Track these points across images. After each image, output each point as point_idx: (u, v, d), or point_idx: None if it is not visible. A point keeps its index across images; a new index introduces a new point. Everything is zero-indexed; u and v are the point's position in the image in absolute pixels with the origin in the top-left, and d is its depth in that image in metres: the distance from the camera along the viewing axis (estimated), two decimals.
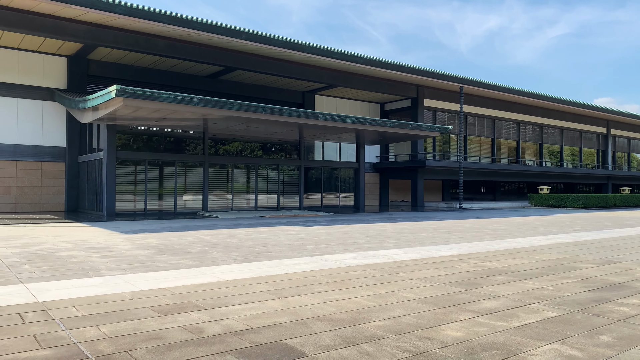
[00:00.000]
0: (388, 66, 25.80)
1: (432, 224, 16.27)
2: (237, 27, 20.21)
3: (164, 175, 20.89)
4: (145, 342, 3.83)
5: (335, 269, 7.26)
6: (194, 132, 22.04)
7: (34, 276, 6.54)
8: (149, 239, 11.23)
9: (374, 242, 10.97)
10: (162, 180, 20.82)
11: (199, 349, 3.70)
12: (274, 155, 24.94)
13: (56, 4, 16.71)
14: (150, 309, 4.85)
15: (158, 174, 20.76)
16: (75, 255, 8.46)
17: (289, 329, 4.24)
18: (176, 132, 21.89)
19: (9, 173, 20.70)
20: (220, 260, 8.11)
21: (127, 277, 6.50)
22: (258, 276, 6.66)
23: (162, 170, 20.86)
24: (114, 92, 14.13)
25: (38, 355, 3.51)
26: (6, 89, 20.71)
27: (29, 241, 10.59)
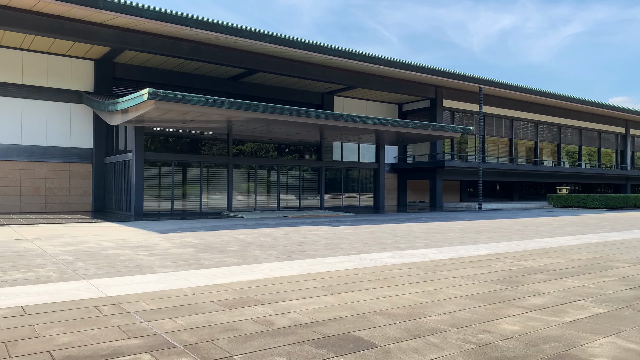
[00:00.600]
0: (408, 67, 25.95)
1: (456, 224, 16.42)
2: (261, 30, 20.54)
3: (189, 176, 21.29)
4: (223, 333, 4.10)
5: (377, 267, 7.49)
6: (217, 133, 22.41)
7: (92, 273, 6.86)
8: (185, 238, 11.56)
9: (405, 242, 11.18)
10: (187, 181, 21.21)
11: (276, 339, 3.96)
12: (295, 156, 25.23)
13: (88, 9, 17.15)
14: (215, 303, 5.13)
15: (184, 174, 21.16)
16: (121, 254, 8.79)
17: (353, 322, 4.48)
18: (200, 134, 22.28)
19: (39, 174, 21.25)
20: (262, 258, 8.38)
21: (180, 274, 6.79)
22: (304, 273, 6.92)
23: (187, 171, 21.25)
24: (146, 95, 14.51)
25: (130, 344, 3.80)
26: (36, 92, 21.26)
27: (72, 240, 10.97)
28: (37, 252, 8.87)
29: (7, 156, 20.57)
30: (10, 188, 20.66)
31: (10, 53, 20.79)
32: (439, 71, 27.59)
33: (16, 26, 17.68)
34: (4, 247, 9.64)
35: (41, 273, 6.80)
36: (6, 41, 20.08)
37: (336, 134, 22.53)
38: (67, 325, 4.30)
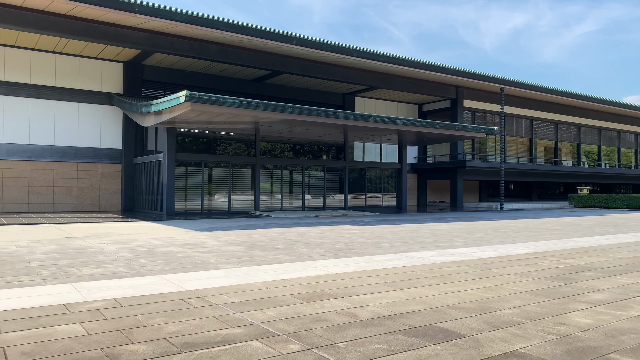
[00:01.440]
0: (430, 67, 26.12)
1: (486, 224, 16.59)
2: (289, 32, 20.86)
3: (217, 176, 21.67)
4: (315, 323, 4.39)
5: (429, 265, 7.74)
6: (243, 134, 22.76)
7: (159, 269, 7.20)
8: (228, 236, 11.89)
9: (443, 241, 11.41)
10: (215, 181, 21.60)
11: (367, 329, 4.23)
12: (319, 156, 25.52)
13: (122, 13, 17.59)
14: (292, 297, 5.42)
15: (212, 175, 21.55)
16: (176, 251, 9.13)
17: (430, 315, 4.74)
18: (227, 135, 22.66)
19: (71, 174, 21.77)
20: (313, 256, 8.67)
21: (244, 270, 7.10)
22: (361, 270, 7.19)
23: (215, 171, 21.63)
24: (183, 97, 14.88)
25: (235, 332, 4.10)
26: (68, 94, 21.79)
27: (120, 238, 11.35)
28: (95, 250, 9.24)
29: (41, 157, 21.11)
30: (44, 188, 21.21)
31: (44, 56, 21.33)
32: (461, 71, 27.71)
33: (52, 30, 18.17)
34: (61, 244, 10.04)
35: (111, 269, 7.15)
36: (41, 44, 20.61)
37: (361, 135, 22.79)
38: (167, 315, 4.61)
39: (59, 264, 7.49)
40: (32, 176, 20.97)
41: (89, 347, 3.71)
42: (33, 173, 20.99)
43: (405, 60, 24.84)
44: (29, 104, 20.98)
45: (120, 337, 3.94)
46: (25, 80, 20.93)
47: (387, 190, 27.23)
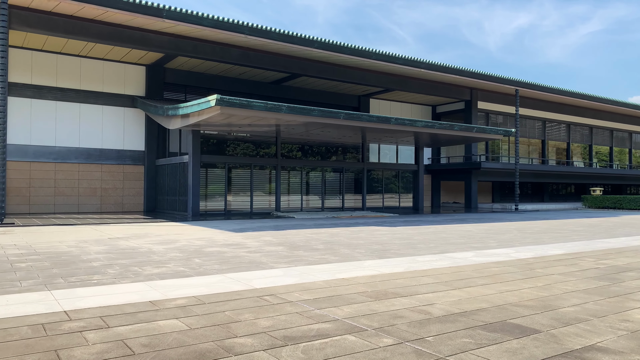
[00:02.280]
0: (447, 70, 26.37)
1: (509, 225, 16.84)
2: (310, 36, 21.17)
3: (240, 177, 22.01)
4: (395, 319, 4.68)
5: (473, 266, 8.02)
6: (264, 136, 23.10)
7: (217, 268, 7.51)
8: (263, 237, 12.21)
9: (476, 242, 11.68)
10: (237, 182, 21.94)
11: (446, 325, 4.53)
12: (338, 157, 25.83)
13: (150, 18, 17.96)
14: (360, 295, 5.72)
15: (235, 176, 21.88)
16: (223, 251, 9.45)
17: (498, 312, 5.03)
18: (249, 137, 23.00)
19: (95, 175, 22.17)
20: (356, 256, 8.96)
21: (300, 269, 7.40)
22: (411, 270, 7.48)
23: (238, 173, 21.97)
24: (213, 101, 15.22)
25: (325, 327, 4.40)
26: (93, 97, 22.18)
27: (161, 238, 11.69)
28: (144, 250, 9.57)
29: (67, 158, 21.52)
30: (69, 189, 21.61)
31: (70, 60, 21.74)
32: (477, 74, 27.95)
33: (80, 34, 18.56)
34: (108, 244, 10.38)
35: (172, 268, 7.47)
36: (67, 49, 21.02)
37: (380, 136, 23.07)
38: (253, 312, 4.92)
39: (120, 264, 7.81)
40: (58, 177, 21.38)
41: (199, 340, 4.02)
42: (59, 174, 21.40)
43: (423, 62, 25.11)
44: (55, 106, 21.39)
45: (222, 332, 4.25)
46: (52, 83, 21.33)
47: (403, 191, 27.50)
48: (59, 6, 17.08)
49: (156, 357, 3.60)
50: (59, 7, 17.16)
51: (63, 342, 3.92)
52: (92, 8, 16.98)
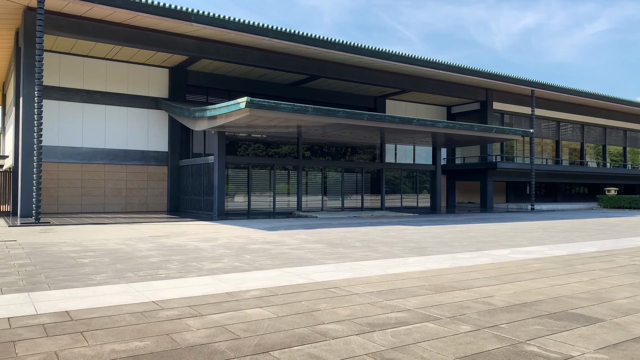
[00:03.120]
0: (464, 71, 26.63)
1: (533, 224, 17.10)
2: (332, 39, 21.51)
3: (262, 178, 22.38)
4: (463, 310, 5.01)
5: (514, 262, 8.32)
6: (285, 137, 23.46)
7: (270, 264, 7.86)
8: (298, 235, 12.56)
9: (506, 240, 11.97)
10: (260, 182, 22.32)
11: (513, 315, 4.85)
12: (357, 158, 26.15)
13: (178, 22, 18.36)
14: (419, 288, 6.05)
15: (258, 176, 22.26)
16: (267, 248, 9.80)
17: (557, 303, 5.34)
18: (268, 138, 23.38)
19: (120, 176, 22.63)
20: (397, 253, 9.29)
21: (349, 265, 7.74)
22: (456, 267, 7.80)
23: (261, 173, 22.34)
24: (243, 103, 15.59)
25: (402, 316, 4.73)
26: (118, 99, 22.64)
27: (201, 236, 12.06)
28: (191, 247, 9.95)
29: (93, 159, 21.98)
30: (96, 189, 22.07)
31: (97, 63, 22.21)
32: (493, 74, 28.18)
33: (108, 38, 19.01)
34: (154, 242, 10.77)
35: (228, 263, 7.83)
36: (94, 52, 21.49)
37: (400, 137, 23.37)
38: (327, 302, 5.27)
39: (177, 260, 8.18)
40: (85, 178, 21.85)
41: (291, 325, 4.37)
42: (85, 175, 21.87)
43: (441, 64, 25.38)
44: (82, 108, 21.86)
45: (308, 319, 4.60)
46: (79, 85, 21.81)
47: (421, 191, 27.78)
48: (91, 11, 17.53)
49: (261, 341, 3.95)
50: (91, 11, 17.60)
51: (169, 328, 4.28)
52: (123, 12, 17.41)
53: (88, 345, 3.80)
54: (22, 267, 7.31)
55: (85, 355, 3.56)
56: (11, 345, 3.78)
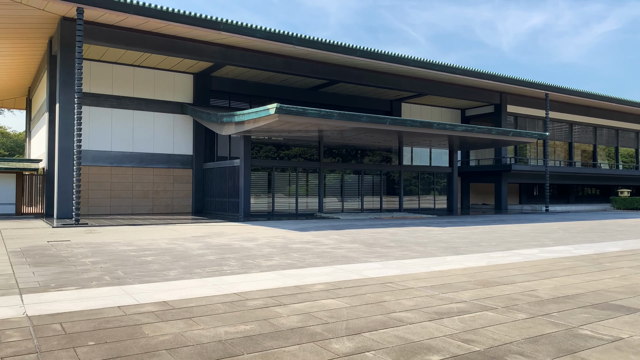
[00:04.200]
0: (480, 75, 27.16)
1: (553, 226, 17.61)
2: (353, 45, 22.14)
3: (285, 180, 23.03)
4: (513, 301, 5.59)
5: (546, 260, 8.89)
6: (307, 140, 24.10)
7: (319, 261, 8.47)
8: (331, 235, 13.17)
9: (531, 240, 12.52)
10: (283, 185, 22.96)
11: (560, 305, 5.43)
12: (375, 160, 26.75)
13: (207, 30, 19.06)
14: (467, 283, 6.64)
15: (280, 179, 22.91)
16: (308, 247, 10.42)
17: (596, 296, 5.91)
18: (291, 141, 24.03)
19: (147, 179, 23.36)
20: (433, 252, 9.88)
21: (393, 263, 8.34)
22: (492, 264, 8.38)
23: (283, 176, 22.99)
24: (273, 110, 16.24)
25: (460, 306, 5.33)
26: (145, 104, 23.39)
27: (240, 236, 12.70)
28: (237, 247, 10.59)
29: (122, 162, 22.73)
30: (124, 191, 22.82)
31: (125, 69, 22.98)
32: (508, 78, 28.68)
33: (138, 46, 19.74)
34: (200, 242, 11.43)
35: (280, 261, 8.45)
36: (123, 59, 22.25)
37: (419, 140, 23.93)
38: (390, 294, 5.87)
39: (231, 258, 8.82)
40: (114, 180, 22.60)
41: (368, 314, 4.98)
42: (114, 178, 22.62)
43: (458, 68, 25.93)
44: (110, 113, 22.63)
45: (379, 308, 5.21)
46: (108, 91, 22.58)
47: (438, 192, 28.31)
48: (125, 20, 18.26)
49: (348, 325, 4.56)
50: (125, 21, 18.34)
51: (263, 314, 4.90)
52: (155, 22, 18.13)
53: (203, 328, 4.43)
54: (95, 265, 7.98)
55: (207, 336, 4.20)
56: (137, 327, 4.42)
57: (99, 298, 5.55)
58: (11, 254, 9.23)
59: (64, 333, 4.23)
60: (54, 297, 5.61)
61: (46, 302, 5.33)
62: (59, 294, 5.78)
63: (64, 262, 8.17)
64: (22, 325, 4.47)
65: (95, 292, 5.89)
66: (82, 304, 5.25)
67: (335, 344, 4.01)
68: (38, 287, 6.17)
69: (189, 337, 4.14)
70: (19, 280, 6.61)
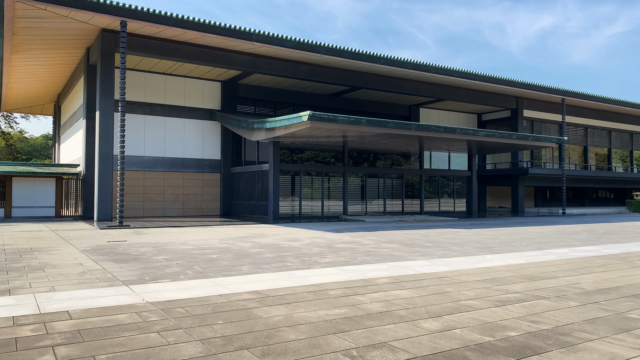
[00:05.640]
0: (498, 81, 27.82)
1: (575, 227, 18.23)
2: (377, 54, 22.92)
3: (311, 184, 23.82)
4: (561, 292, 6.30)
5: (579, 259, 9.57)
6: (331, 145, 24.89)
7: (368, 259, 9.23)
8: (368, 236, 13.91)
9: (558, 240, 13.18)
10: (309, 188, 23.75)
11: (604, 295, 6.13)
12: (397, 164, 27.47)
13: (239, 41, 19.93)
14: (513, 277, 7.36)
15: (306, 182, 23.70)
16: (351, 247, 11.18)
17: (635, 288, 6.60)
18: (318, 146, 24.84)
19: (178, 182, 24.26)
20: (471, 251, 10.59)
21: (440, 260, 9.07)
22: (531, 262, 9.08)
23: (310, 179, 23.78)
24: (305, 117, 17.04)
25: (516, 296, 6.05)
26: (176, 111, 24.32)
27: (281, 237, 13.49)
28: (286, 246, 11.37)
29: (154, 167, 23.66)
30: (156, 195, 23.73)
31: (157, 77, 23.93)
32: (525, 84, 29.30)
33: (173, 55, 20.64)
34: (251, 242, 12.22)
35: (334, 258, 9.21)
36: (156, 68, 23.20)
37: (440, 144, 24.63)
38: (450, 286, 6.61)
39: (289, 255, 9.60)
40: (146, 184, 23.52)
41: (439, 301, 5.72)
42: (147, 182, 23.54)
43: (477, 74, 26.62)
44: (143, 120, 23.57)
45: (446, 297, 5.95)
46: (141, 99, 23.53)
47: (457, 196, 28.97)
48: (163, 32, 19.18)
49: (426, 310, 5.31)
50: (163, 32, 19.26)
51: (347, 301, 5.67)
52: (192, 33, 19.03)
53: (304, 311, 5.20)
54: (169, 261, 8.79)
55: (312, 317, 4.97)
56: (249, 311, 5.20)
57: (197, 288, 6.34)
58: (85, 252, 10.08)
59: (191, 315, 5.02)
60: (156, 287, 6.41)
61: (154, 292, 6.13)
62: (159, 285, 6.58)
63: (140, 259, 8.99)
64: (149, 309, 5.26)
65: (189, 283, 6.69)
66: (187, 293, 6.04)
67: (423, 323, 4.76)
68: (136, 279, 6.98)
69: (298, 318, 4.92)
70: (114, 274, 7.43)
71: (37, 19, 17.82)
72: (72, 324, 4.62)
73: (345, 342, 4.15)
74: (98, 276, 7.24)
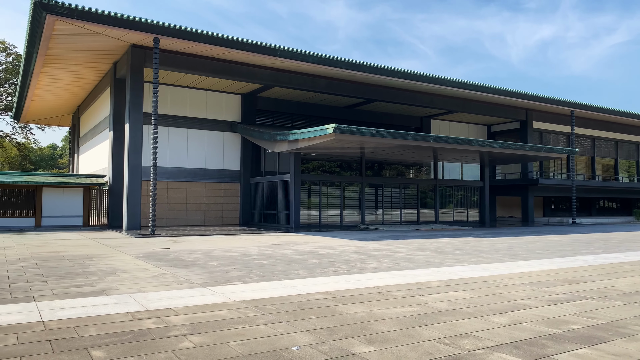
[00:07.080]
0: (509, 93, 28.56)
1: (591, 236, 18.83)
2: (394, 67, 23.69)
3: (329, 194, 24.46)
4: (602, 293, 6.91)
5: (608, 264, 10.18)
6: (349, 156, 25.57)
7: (409, 265, 9.84)
8: (397, 244, 14.52)
9: (579, 248, 13.79)
10: (328, 198, 24.39)
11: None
12: (411, 175, 28.13)
13: (265, 57, 20.68)
14: (553, 281, 7.97)
15: (325, 192, 24.34)
16: (387, 254, 11.79)
17: None
18: (336, 157, 25.52)
19: (200, 192, 24.92)
20: (502, 258, 11.19)
21: (478, 267, 9.68)
22: (563, 267, 9.69)
23: (329, 189, 24.43)
24: (330, 129, 17.72)
25: (564, 296, 6.66)
26: (198, 123, 25.05)
27: (312, 245, 14.09)
28: (323, 253, 11.98)
29: (177, 177, 24.33)
30: (178, 205, 24.37)
31: (180, 91, 24.69)
32: (535, 96, 30.05)
33: (198, 70, 21.39)
34: (290, 249, 12.84)
35: (378, 265, 9.82)
36: (180, 81, 23.97)
37: (454, 156, 25.30)
38: (500, 289, 7.22)
39: (333, 261, 10.21)
40: (170, 194, 24.17)
41: (495, 301, 6.33)
42: (170, 192, 24.19)
43: (490, 87, 27.37)
44: (167, 132, 24.28)
45: (498, 298, 6.56)
46: (165, 111, 24.26)
47: (470, 205, 29.58)
48: (192, 48, 19.95)
49: (487, 307, 5.93)
50: (191, 48, 20.03)
51: (413, 301, 6.28)
52: (220, 49, 19.80)
53: (381, 308, 5.82)
54: (226, 267, 9.41)
55: (390, 313, 5.59)
56: (330, 308, 5.82)
57: (270, 289, 6.96)
58: (140, 258, 10.70)
59: (282, 311, 5.64)
60: (233, 289, 7.03)
61: (234, 292, 6.75)
62: (233, 287, 7.20)
63: (197, 265, 9.61)
64: (242, 306, 5.88)
65: (260, 285, 7.31)
66: (265, 293, 6.66)
67: (492, 318, 5.39)
68: (209, 282, 7.60)
69: (378, 314, 5.54)
70: (186, 277, 8.05)
71: (73, 35, 18.59)
72: (184, 319, 5.24)
73: (433, 333, 4.77)
74: (171, 279, 7.86)
